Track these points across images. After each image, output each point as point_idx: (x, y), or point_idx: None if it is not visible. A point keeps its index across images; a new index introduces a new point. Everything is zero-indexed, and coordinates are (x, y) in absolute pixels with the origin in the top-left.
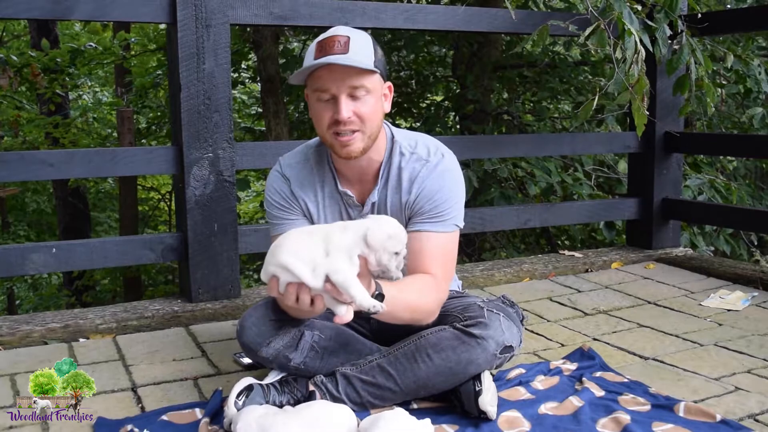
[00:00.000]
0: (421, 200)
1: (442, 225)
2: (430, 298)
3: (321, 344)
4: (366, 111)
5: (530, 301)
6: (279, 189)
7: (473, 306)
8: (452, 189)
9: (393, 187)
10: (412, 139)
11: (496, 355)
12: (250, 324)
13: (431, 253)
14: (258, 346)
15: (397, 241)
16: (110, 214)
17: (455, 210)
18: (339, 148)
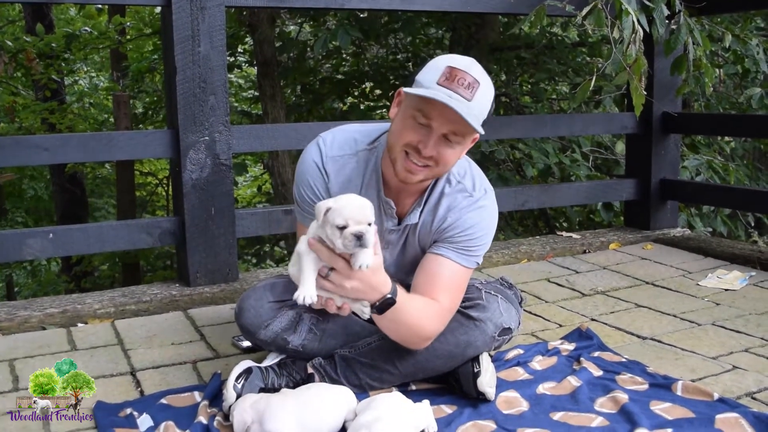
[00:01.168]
0: (453, 229)
1: (465, 258)
2: (431, 324)
3: (319, 326)
4: (448, 156)
5: (528, 283)
6: (313, 184)
7: (471, 288)
8: (486, 227)
9: (429, 210)
10: (463, 167)
11: (494, 337)
12: (248, 306)
13: (445, 281)
14: (256, 329)
15: (337, 215)
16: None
17: (482, 249)
18: (401, 170)
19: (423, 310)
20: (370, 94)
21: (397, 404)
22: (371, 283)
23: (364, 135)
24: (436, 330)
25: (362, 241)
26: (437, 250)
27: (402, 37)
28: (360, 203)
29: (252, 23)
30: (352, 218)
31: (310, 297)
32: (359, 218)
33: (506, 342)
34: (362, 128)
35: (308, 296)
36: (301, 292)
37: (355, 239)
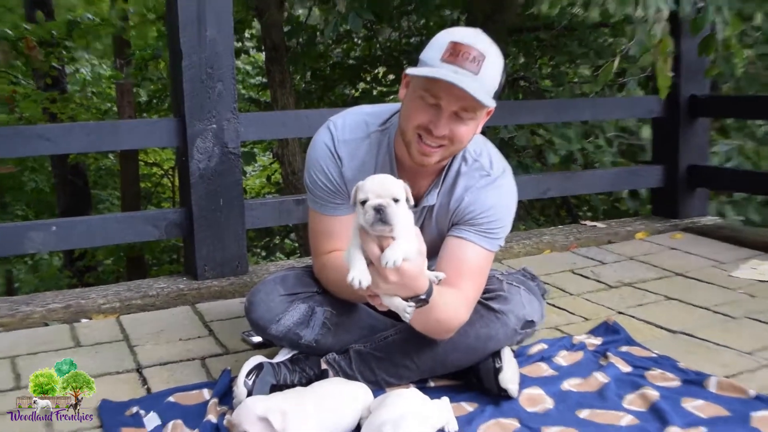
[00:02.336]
0: (472, 211)
1: (487, 240)
2: (458, 316)
3: (333, 320)
4: (461, 133)
5: (551, 274)
6: (326, 169)
7: (492, 279)
8: (506, 207)
9: (445, 190)
10: (479, 145)
11: (516, 330)
12: (258, 300)
13: (468, 265)
14: (267, 323)
15: (360, 190)
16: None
17: (503, 230)
18: (415, 153)
19: (451, 304)
20: (383, 79)
21: (416, 401)
22: (406, 285)
23: (375, 117)
24: (462, 320)
25: (383, 215)
26: (458, 233)
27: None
28: (383, 177)
29: (259, 7)
30: (373, 191)
31: (365, 279)
32: (380, 191)
33: (529, 336)
34: (372, 110)
35: (363, 279)
36: (353, 275)
37: (374, 213)
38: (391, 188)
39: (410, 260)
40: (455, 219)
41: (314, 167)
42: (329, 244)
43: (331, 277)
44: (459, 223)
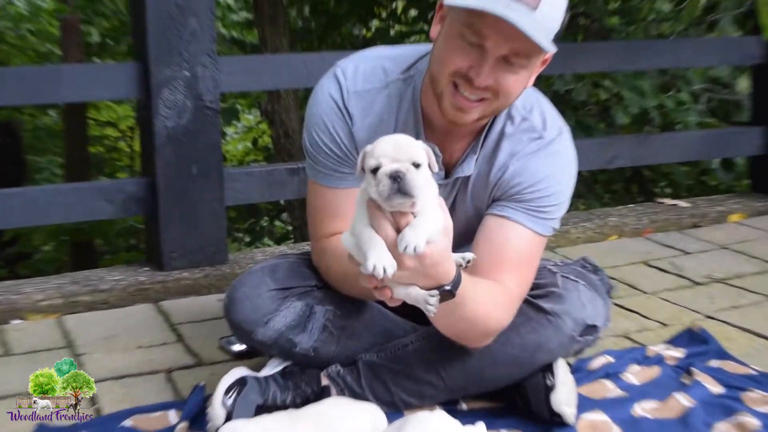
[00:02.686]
0: (519, 183)
1: (537, 222)
2: (497, 317)
3: (337, 323)
4: (510, 85)
5: (619, 267)
6: (332, 129)
7: (543, 271)
8: (562, 180)
9: (485, 157)
10: (530, 100)
11: (574, 337)
12: (241, 296)
13: (513, 254)
14: (253, 326)
15: (370, 155)
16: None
17: (558, 209)
18: (450, 108)
19: (488, 299)
20: (403, 15)
21: (443, 428)
22: (428, 273)
23: (396, 62)
24: (503, 323)
25: (401, 184)
26: (500, 211)
27: None
28: (398, 137)
29: None
30: (386, 155)
31: (391, 265)
32: (395, 155)
33: (590, 345)
34: (392, 53)
35: (387, 264)
36: (373, 260)
37: (390, 183)
38: (410, 150)
39: (434, 242)
40: (497, 193)
41: (316, 126)
42: (332, 224)
43: (333, 266)
44: (502, 198)
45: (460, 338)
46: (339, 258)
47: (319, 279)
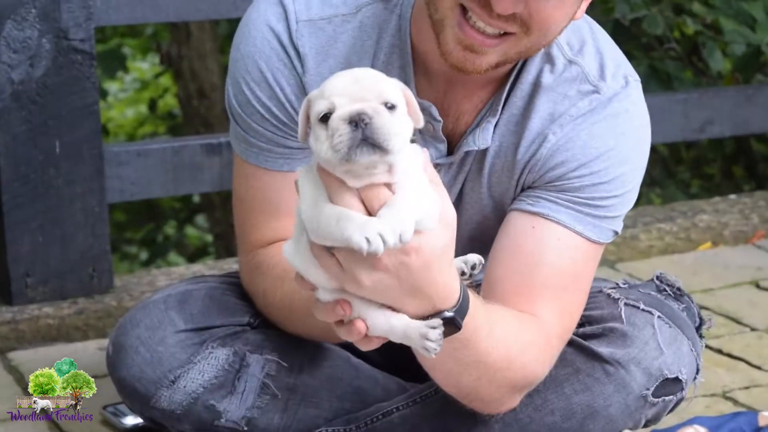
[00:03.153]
0: (562, 164)
1: (591, 224)
2: (525, 366)
3: (283, 380)
4: (547, 15)
5: (715, 290)
6: (272, 77)
7: (599, 297)
8: (630, 158)
9: (510, 119)
10: (578, 34)
11: (645, 397)
12: (134, 342)
13: (552, 270)
14: (153, 388)
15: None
16: None
17: (623, 203)
18: (453, 45)
19: (512, 338)
20: None
21: None
22: (417, 284)
23: None
24: (537, 375)
25: (367, 130)
26: (533, 206)
27: None
28: (356, 72)
29: None
30: (341, 93)
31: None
32: (354, 92)
33: (671, 410)
34: None
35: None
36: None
37: (349, 129)
38: (378, 85)
39: (426, 232)
40: (529, 178)
41: (248, 76)
42: (272, 226)
43: (271, 291)
44: (536, 185)
45: (470, 398)
46: (282, 277)
47: (254, 313)
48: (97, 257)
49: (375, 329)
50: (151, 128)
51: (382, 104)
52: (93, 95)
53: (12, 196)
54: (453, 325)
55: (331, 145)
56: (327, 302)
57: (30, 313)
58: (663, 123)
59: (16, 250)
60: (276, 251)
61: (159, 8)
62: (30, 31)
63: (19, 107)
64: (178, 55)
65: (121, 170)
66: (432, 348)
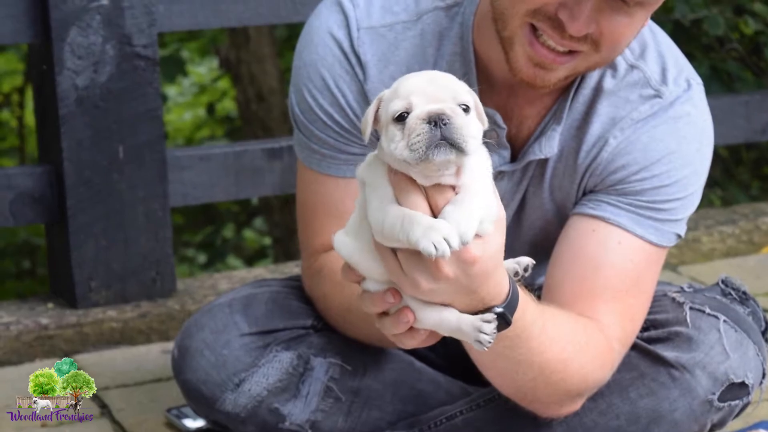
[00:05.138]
0: (624, 168)
1: (654, 227)
2: (585, 369)
3: (346, 384)
4: (618, 34)
5: None
6: (335, 85)
7: (663, 301)
8: (692, 161)
9: (572, 124)
10: (640, 38)
11: (711, 402)
12: (200, 346)
13: (615, 273)
14: (218, 391)
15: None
16: None
17: (685, 206)
18: (523, 62)
19: (570, 338)
20: None
21: None
22: (474, 287)
23: None
24: (599, 378)
25: (446, 130)
26: (595, 209)
27: None
28: (430, 73)
29: None
30: (418, 92)
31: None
32: (431, 92)
33: (738, 414)
34: None
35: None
36: (427, 236)
37: (428, 128)
38: (454, 87)
39: (485, 237)
40: (590, 182)
41: (310, 83)
42: (333, 230)
43: (332, 294)
44: (597, 189)
45: (528, 400)
46: (342, 282)
47: (317, 316)
48: (160, 261)
49: (424, 321)
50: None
51: (457, 105)
52: (156, 100)
53: (76, 201)
54: (503, 321)
55: (408, 144)
56: (375, 292)
57: (94, 316)
58: (725, 125)
59: (80, 254)
60: (338, 257)
61: (220, 13)
62: (94, 37)
63: (83, 112)
64: (237, 59)
65: (183, 174)
66: (485, 341)
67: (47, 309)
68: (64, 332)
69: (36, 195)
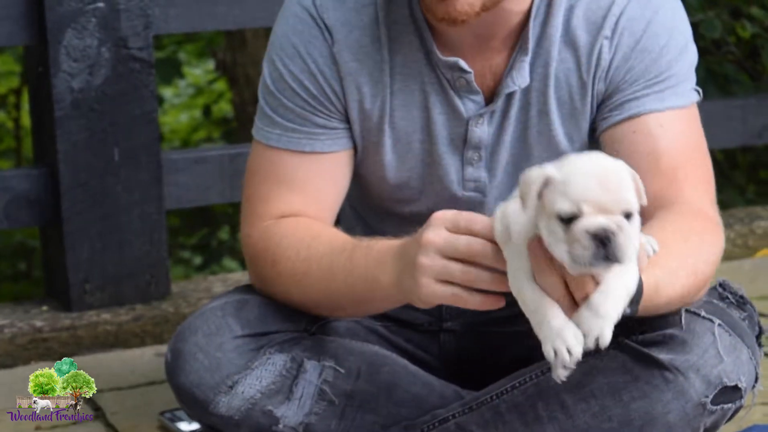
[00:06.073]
0: (624, 59)
1: (674, 93)
2: (708, 255)
3: (340, 386)
4: None
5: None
6: (305, 51)
7: None
8: (670, 18)
9: (561, 50)
10: None
11: (705, 405)
12: (193, 348)
13: (673, 153)
14: (211, 394)
15: (560, 192)
16: None
17: (686, 59)
18: (432, 2)
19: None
20: None
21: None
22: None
23: None
24: (717, 253)
25: (609, 249)
26: (622, 114)
27: None
28: (601, 168)
29: None
30: (589, 199)
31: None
32: (602, 200)
33: (730, 417)
34: None
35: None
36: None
37: (594, 245)
38: (623, 192)
39: None
40: (605, 92)
41: (281, 52)
42: (283, 198)
43: (288, 259)
44: (614, 94)
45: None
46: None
47: (311, 319)
48: (155, 264)
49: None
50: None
51: (623, 214)
52: (151, 103)
53: (72, 203)
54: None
55: (570, 252)
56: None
57: (88, 319)
58: (721, 128)
59: (75, 256)
60: (291, 224)
61: (216, 16)
62: (90, 40)
63: (78, 115)
64: (233, 61)
65: (178, 177)
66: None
67: (41, 312)
68: (58, 335)
69: (31, 197)
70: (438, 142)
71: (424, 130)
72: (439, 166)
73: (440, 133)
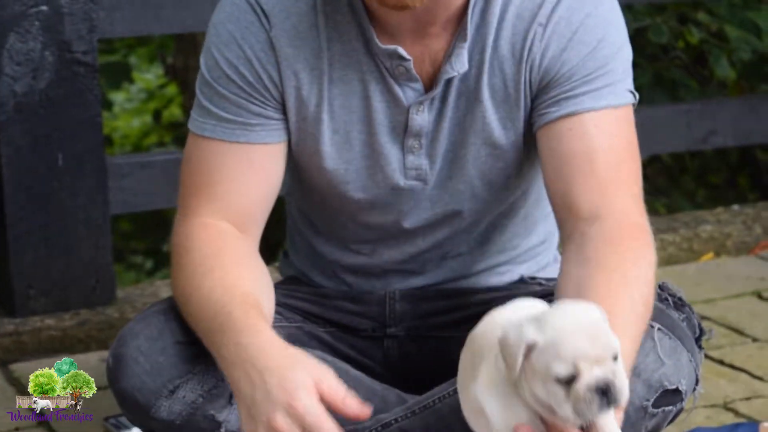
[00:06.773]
0: (560, 49)
1: (610, 93)
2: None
3: None
4: None
5: (717, 301)
6: (242, 38)
7: None
8: (607, 15)
9: (497, 37)
10: None
11: (645, 408)
12: (133, 353)
13: (608, 153)
14: (152, 398)
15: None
16: None
17: (621, 57)
18: None
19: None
20: None
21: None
22: None
23: None
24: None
25: (610, 396)
26: (558, 111)
27: None
28: (582, 319)
29: None
30: (584, 355)
31: None
32: (594, 351)
33: (671, 421)
34: None
35: None
36: None
37: (597, 397)
38: (608, 338)
39: None
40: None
41: (218, 41)
42: (214, 192)
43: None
44: (548, 88)
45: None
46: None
47: None
48: (100, 269)
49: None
50: (156, 138)
51: (613, 359)
52: (96, 107)
53: (15, 208)
54: None
55: (575, 409)
56: None
57: (32, 324)
58: (667, 133)
59: (19, 261)
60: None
61: (163, 20)
62: (33, 43)
63: (22, 119)
64: (185, 65)
65: (124, 182)
66: None
67: None
68: (1, 341)
69: None
70: (378, 132)
71: (364, 120)
72: (380, 156)
73: (381, 122)
